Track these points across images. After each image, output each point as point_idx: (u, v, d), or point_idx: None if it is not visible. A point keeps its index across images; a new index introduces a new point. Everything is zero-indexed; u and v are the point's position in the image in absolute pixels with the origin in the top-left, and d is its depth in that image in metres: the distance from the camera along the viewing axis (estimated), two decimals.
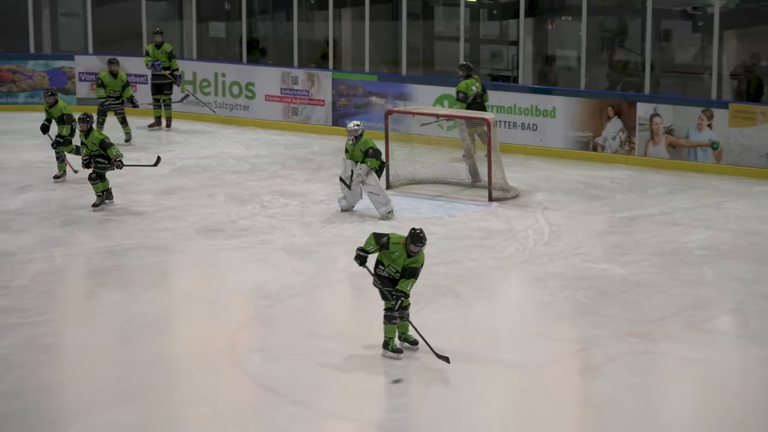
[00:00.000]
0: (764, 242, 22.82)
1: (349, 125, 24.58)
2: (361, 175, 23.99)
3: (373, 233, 17.29)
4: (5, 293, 20.34)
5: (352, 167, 24.07)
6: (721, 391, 16.98)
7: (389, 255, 17.21)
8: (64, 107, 26.72)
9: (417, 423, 16.23)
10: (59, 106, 26.86)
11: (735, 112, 27.45)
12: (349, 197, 24.39)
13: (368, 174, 23.96)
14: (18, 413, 15.82)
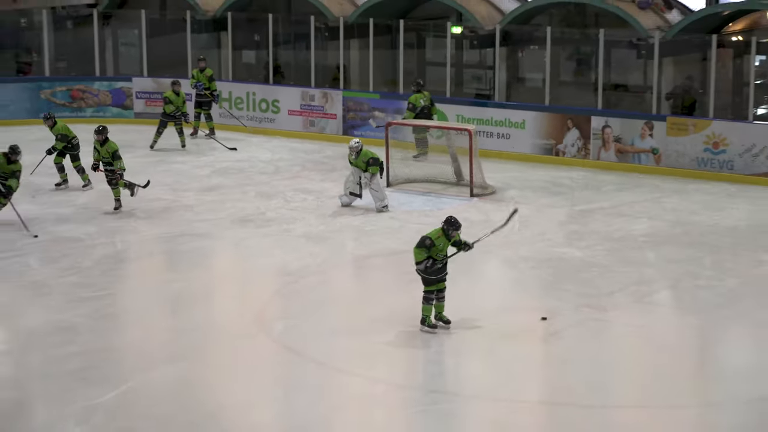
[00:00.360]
0: (695, 230, 22.80)
1: (350, 143, 24.67)
2: (367, 181, 24.09)
3: (415, 248, 17.22)
4: (76, 272, 20.48)
5: (359, 174, 24.19)
6: (659, 351, 17.22)
7: (435, 249, 17.23)
8: (62, 128, 26.46)
9: (406, 372, 16.47)
10: (57, 126, 26.58)
11: (672, 124, 27.39)
12: (351, 188, 24.50)
13: (372, 178, 24.04)
14: (88, 368, 16.07)
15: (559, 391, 15.91)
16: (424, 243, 17.15)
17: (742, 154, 26.66)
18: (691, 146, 27.23)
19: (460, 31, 31.51)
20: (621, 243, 22.04)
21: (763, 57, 29.57)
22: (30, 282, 19.99)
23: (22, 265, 20.90)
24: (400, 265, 21.01)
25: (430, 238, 17.21)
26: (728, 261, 20.95)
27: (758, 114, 28.30)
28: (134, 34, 34.83)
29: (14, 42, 36.40)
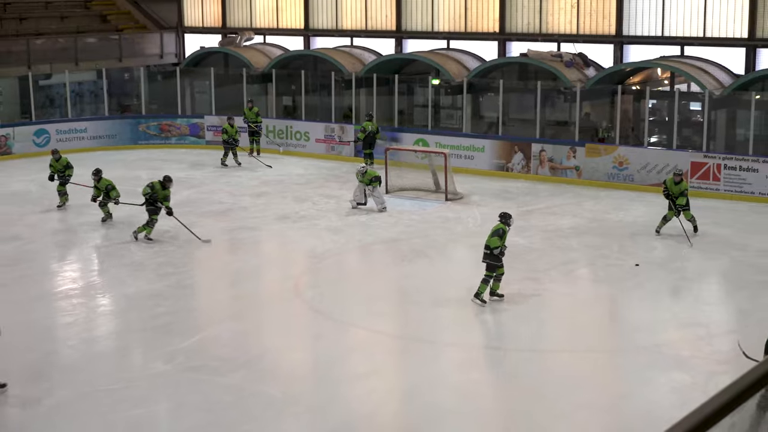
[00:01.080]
0: (606, 225, 22.74)
1: (358, 168, 24.70)
2: (371, 192, 24.08)
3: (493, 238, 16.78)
4: (163, 254, 20.46)
5: (364, 188, 24.31)
6: (582, 313, 17.25)
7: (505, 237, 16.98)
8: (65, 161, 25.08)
9: (399, 326, 16.50)
10: (62, 160, 25.22)
11: (589, 148, 27.37)
12: (358, 199, 24.47)
13: (374, 189, 24.08)
14: (172, 323, 16.13)
15: (509, 339, 15.96)
16: (499, 233, 16.85)
17: (639, 170, 26.65)
18: (603, 165, 27.22)
19: (438, 82, 31.53)
20: (553, 234, 21.98)
21: (654, 101, 29.57)
22: (130, 261, 19.99)
23: (125, 249, 20.88)
24: (395, 249, 21.06)
25: (503, 230, 16.95)
26: (630, 246, 20.92)
27: (651, 141, 28.27)
28: (206, 84, 34.90)
29: (119, 90, 36.53)
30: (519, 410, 12.91)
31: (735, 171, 25.15)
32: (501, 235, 16.87)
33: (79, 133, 32.77)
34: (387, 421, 12.89)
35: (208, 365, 14.22)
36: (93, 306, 17.34)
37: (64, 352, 15.30)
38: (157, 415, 12.95)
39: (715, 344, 15.18)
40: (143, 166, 30.27)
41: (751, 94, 26.25)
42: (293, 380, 14.08)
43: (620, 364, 14.72)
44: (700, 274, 19.44)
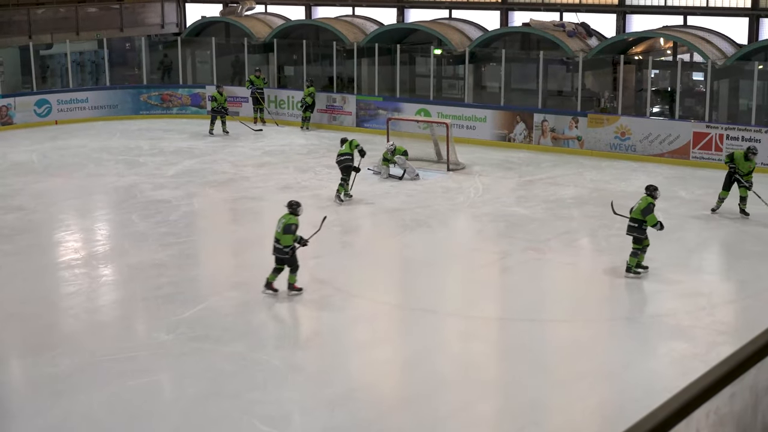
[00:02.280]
0: (608, 195, 22.55)
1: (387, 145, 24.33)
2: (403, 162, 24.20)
3: (651, 215, 16.60)
4: (165, 225, 20.45)
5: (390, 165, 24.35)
6: (583, 283, 17.30)
7: None
8: None
9: (400, 295, 16.53)
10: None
11: (591, 118, 27.34)
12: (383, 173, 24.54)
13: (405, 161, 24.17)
14: (174, 293, 16.17)
15: (511, 309, 15.96)
16: (652, 209, 16.69)
17: (641, 140, 26.62)
18: (605, 135, 27.19)
19: (440, 52, 31.44)
20: (555, 204, 21.98)
21: (656, 71, 29.49)
22: (132, 231, 20.01)
23: (127, 220, 20.91)
24: (397, 218, 21.08)
25: (654, 204, 16.80)
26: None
27: (653, 111, 28.22)
28: (207, 54, 34.83)
29: (121, 60, 36.44)
30: (519, 379, 12.95)
31: (737, 141, 25.11)
32: (653, 210, 16.70)
33: (80, 103, 32.72)
34: (388, 391, 12.95)
35: (210, 335, 14.26)
36: (95, 276, 17.38)
37: (66, 321, 15.34)
38: (160, 384, 13.01)
39: (716, 314, 15.22)
40: (144, 136, 30.26)
41: (753, 64, 26.17)
42: (295, 349, 14.13)
43: (620, 334, 14.75)
44: (700, 244, 19.45)
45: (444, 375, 13.05)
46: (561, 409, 12.07)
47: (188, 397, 12.34)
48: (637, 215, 16.79)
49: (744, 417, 3.95)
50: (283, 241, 15.92)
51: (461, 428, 11.56)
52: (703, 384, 3.58)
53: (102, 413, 11.91)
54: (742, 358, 3.81)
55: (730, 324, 15.11)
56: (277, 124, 32.04)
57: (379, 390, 12.82)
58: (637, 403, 11.68)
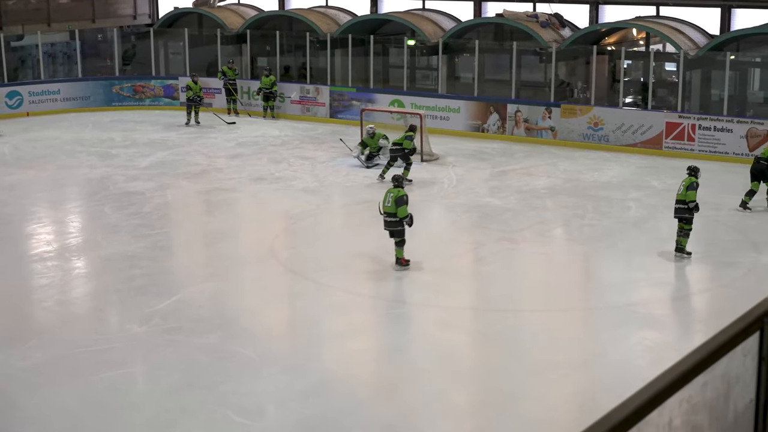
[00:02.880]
0: (581, 185, 22.81)
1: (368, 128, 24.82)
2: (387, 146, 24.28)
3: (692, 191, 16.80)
4: (138, 216, 20.35)
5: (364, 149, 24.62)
6: (557, 272, 17.36)
7: None
8: None
9: (374, 286, 16.54)
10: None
11: (564, 109, 27.43)
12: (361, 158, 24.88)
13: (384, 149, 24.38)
14: (148, 285, 16.09)
15: (485, 299, 16.01)
16: (694, 187, 16.90)
17: (614, 130, 26.73)
18: (578, 125, 27.29)
19: (413, 43, 31.42)
20: (528, 194, 22.04)
21: (629, 61, 29.60)
22: (105, 223, 19.91)
23: (100, 211, 20.80)
24: (370, 209, 21.04)
25: (697, 183, 17.03)
26: (604, 207, 21.01)
27: (626, 102, 28.33)
28: (180, 45, 34.69)
29: (94, 52, 36.19)
30: (494, 369, 12.99)
31: (709, 131, 25.25)
32: (696, 189, 16.90)
33: (52, 95, 32.51)
34: (363, 381, 12.96)
35: (184, 326, 14.22)
36: (68, 268, 17.29)
37: (39, 314, 15.26)
38: (134, 376, 12.96)
39: (689, 303, 15.32)
40: (117, 128, 30.11)
41: (726, 54, 26.30)
42: (270, 341, 14.10)
43: (594, 323, 14.82)
44: (673, 234, 19.48)
45: (419, 365, 13.06)
46: (536, 398, 12.11)
47: (162, 389, 12.31)
48: (685, 197, 16.96)
49: (716, 405, 3.97)
50: (399, 213, 16.47)
51: (436, 418, 11.58)
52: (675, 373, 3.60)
53: (76, 405, 11.85)
54: (714, 346, 3.83)
55: (702, 313, 15.21)
56: (249, 115, 32.00)
57: (354, 380, 12.82)
58: (611, 392, 11.71)
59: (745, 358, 4.12)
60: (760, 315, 4.21)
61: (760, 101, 27.24)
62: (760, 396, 4.32)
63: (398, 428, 11.29)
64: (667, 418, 3.55)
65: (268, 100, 31.53)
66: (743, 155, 24.65)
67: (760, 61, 28.44)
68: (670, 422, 3.58)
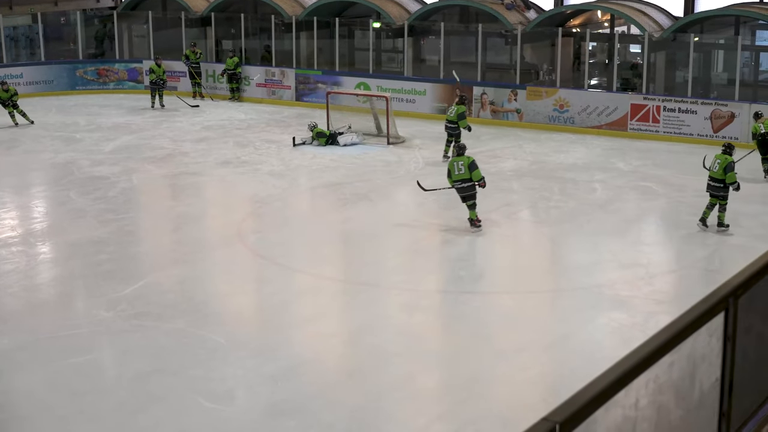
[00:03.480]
0: (547, 167, 22.91)
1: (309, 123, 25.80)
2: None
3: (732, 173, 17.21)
4: (104, 201, 20.23)
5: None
6: (524, 254, 17.49)
7: None
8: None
9: (342, 270, 16.57)
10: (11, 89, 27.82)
11: (530, 91, 27.52)
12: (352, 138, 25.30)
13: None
14: (114, 270, 16.00)
15: (451, 281, 16.04)
16: (733, 168, 17.27)
17: (579, 112, 26.86)
18: (543, 107, 27.40)
19: (378, 25, 31.41)
20: (495, 176, 22.00)
21: (594, 43, 29.72)
22: (71, 209, 19.81)
23: (65, 197, 20.69)
24: (337, 192, 21.09)
25: (734, 162, 17.42)
26: (570, 189, 21.12)
27: (591, 84, 28.46)
28: (143, 28, 34.48)
29: (57, 35, 35.89)
30: (462, 351, 13.05)
31: (674, 113, 25.42)
32: (734, 169, 17.32)
33: (14, 78, 32.17)
34: (332, 364, 12.98)
35: (151, 312, 14.18)
36: (33, 254, 17.19)
37: (4, 300, 15.13)
38: (101, 362, 12.92)
39: (655, 284, 15.42)
40: (81, 112, 29.93)
41: (690, 36, 26.47)
42: (238, 325, 14.09)
43: (561, 305, 14.90)
44: (639, 215, 19.67)
45: (387, 348, 13.09)
46: (503, 379, 12.18)
47: (130, 375, 12.27)
48: (719, 175, 17.32)
49: (682, 385, 4.04)
50: (474, 176, 17.60)
51: (405, 400, 11.63)
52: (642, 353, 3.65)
53: (43, 391, 11.80)
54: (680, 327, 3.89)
55: (668, 294, 15.33)
56: (212, 99, 31.90)
57: (322, 364, 12.84)
58: (578, 373, 11.81)
59: (711, 338, 4.18)
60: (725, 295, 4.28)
61: (724, 83, 27.44)
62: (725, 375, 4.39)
63: (367, 411, 11.33)
64: (633, 399, 3.60)
65: (232, 81, 31.45)
66: (707, 137, 24.85)
67: (723, 42, 28.66)
68: (637, 402, 3.63)
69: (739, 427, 4.68)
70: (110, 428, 10.91)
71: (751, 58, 27.75)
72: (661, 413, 3.87)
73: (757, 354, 4.80)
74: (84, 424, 11.02)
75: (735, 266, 5.23)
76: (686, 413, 4.12)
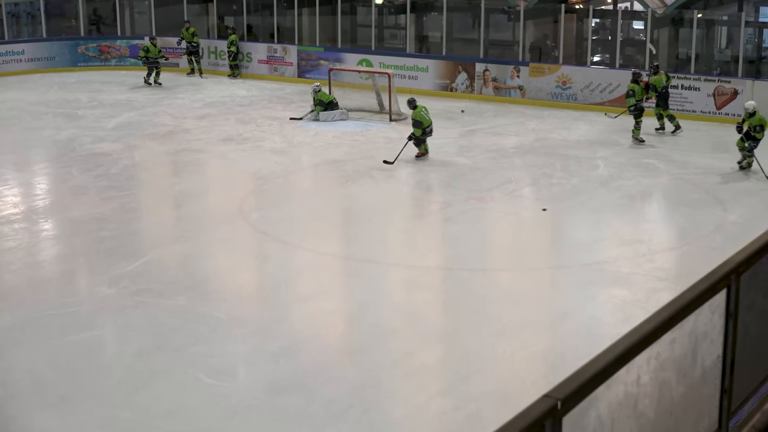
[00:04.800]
0: (549, 144, 22.90)
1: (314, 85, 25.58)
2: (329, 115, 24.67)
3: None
4: (106, 178, 20.20)
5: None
6: (525, 231, 17.46)
7: None
8: None
9: (344, 246, 16.56)
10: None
11: (533, 68, 27.46)
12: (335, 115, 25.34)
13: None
14: (116, 247, 15.99)
15: (453, 259, 16.00)
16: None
17: (582, 89, 26.78)
18: (546, 84, 27.33)
19: (381, 1, 31.32)
20: (496, 153, 22.08)
21: (597, 20, 29.60)
22: (73, 185, 19.78)
23: (67, 173, 20.66)
24: (340, 170, 21.06)
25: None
26: (573, 166, 21.06)
27: (594, 60, 28.36)
28: (145, 4, 34.36)
29: (58, 11, 35.78)
30: (462, 328, 13.04)
31: (677, 90, 25.33)
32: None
33: (16, 55, 32.15)
34: (333, 342, 12.98)
35: (153, 288, 14.18)
36: (36, 231, 17.16)
37: (6, 277, 15.13)
38: (103, 339, 12.92)
39: (656, 261, 15.40)
40: (83, 89, 29.87)
41: (693, 13, 26.35)
42: (239, 302, 14.08)
43: (562, 282, 14.88)
44: (641, 192, 19.63)
45: (388, 325, 13.09)
46: (504, 357, 12.17)
47: (132, 351, 12.27)
48: None
49: (684, 362, 4.01)
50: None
51: (406, 377, 11.62)
52: (643, 330, 3.63)
53: (45, 368, 11.80)
54: (681, 304, 3.86)
55: (669, 271, 15.30)
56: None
57: (323, 341, 12.84)
58: (580, 350, 11.80)
59: (713, 315, 4.16)
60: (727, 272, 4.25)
61: (727, 59, 27.33)
62: (727, 352, 4.37)
63: (367, 388, 11.33)
64: (635, 375, 3.58)
65: (230, 58, 31.46)
66: (710, 113, 24.78)
67: (727, 19, 28.52)
68: (638, 379, 3.61)
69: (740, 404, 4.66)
70: (111, 405, 10.91)
71: (755, 35, 27.62)
72: (662, 390, 3.85)
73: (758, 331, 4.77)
74: (85, 401, 11.02)
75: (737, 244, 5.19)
76: (688, 390, 4.10)
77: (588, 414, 3.28)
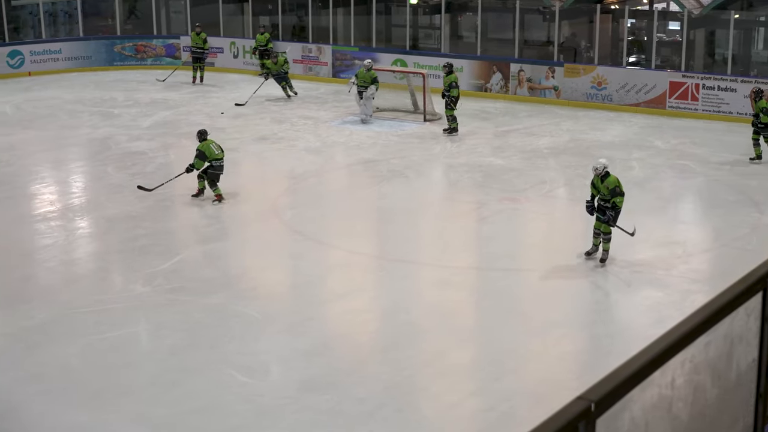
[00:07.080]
0: (583, 144, 22.78)
1: (366, 61, 25.54)
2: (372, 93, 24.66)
3: None
4: (141, 176, 20.23)
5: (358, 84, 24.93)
6: (559, 232, 17.39)
7: None
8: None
9: (377, 245, 16.54)
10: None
11: (568, 68, 27.32)
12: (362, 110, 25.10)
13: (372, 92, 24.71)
14: (151, 245, 16.09)
15: (486, 258, 15.96)
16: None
17: (618, 90, 26.62)
18: (581, 85, 27.19)
19: (416, 1, 31.27)
20: (531, 153, 21.99)
21: (633, 20, 29.43)
22: (108, 183, 19.89)
23: (103, 171, 20.78)
24: (373, 169, 21.05)
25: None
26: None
27: (629, 61, 28.18)
28: (181, 4, 34.51)
29: (95, 11, 36.00)
30: (495, 328, 12.99)
31: (713, 91, 25.14)
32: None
33: (53, 54, 32.39)
34: (365, 340, 12.97)
35: (187, 286, 14.23)
36: (71, 228, 17.27)
37: (42, 274, 15.26)
38: (137, 336, 12.98)
39: (691, 262, 15.29)
40: (119, 87, 30.03)
41: (730, 13, 26.14)
42: (272, 300, 14.11)
43: (596, 283, 14.79)
44: (676, 194, 19.51)
45: (420, 324, 13.07)
46: (536, 357, 12.12)
47: (165, 349, 12.32)
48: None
49: (719, 365, 3.96)
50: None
51: (438, 376, 11.60)
52: (678, 332, 3.58)
53: (78, 364, 11.88)
54: (717, 306, 3.80)
55: (704, 272, 15.19)
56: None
57: (355, 340, 12.84)
58: (613, 352, 11.75)
59: (749, 318, 4.10)
60: (763, 275, 4.18)
61: (764, 60, 27.09)
62: (762, 355, 4.31)
63: (400, 387, 11.31)
64: (669, 378, 3.53)
65: (263, 57, 31.06)
66: (747, 115, 24.54)
67: (764, 20, 28.27)
68: (673, 381, 3.57)
69: None
70: (145, 401, 10.96)
71: None
72: (697, 393, 3.80)
73: None
74: (119, 397, 11.07)
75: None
76: (723, 393, 4.05)
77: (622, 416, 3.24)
